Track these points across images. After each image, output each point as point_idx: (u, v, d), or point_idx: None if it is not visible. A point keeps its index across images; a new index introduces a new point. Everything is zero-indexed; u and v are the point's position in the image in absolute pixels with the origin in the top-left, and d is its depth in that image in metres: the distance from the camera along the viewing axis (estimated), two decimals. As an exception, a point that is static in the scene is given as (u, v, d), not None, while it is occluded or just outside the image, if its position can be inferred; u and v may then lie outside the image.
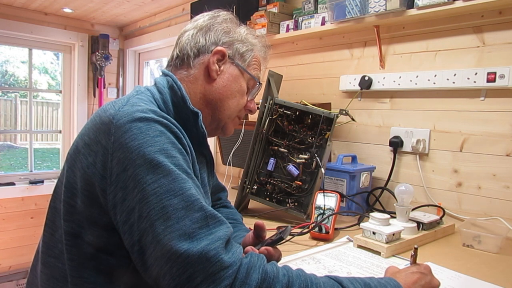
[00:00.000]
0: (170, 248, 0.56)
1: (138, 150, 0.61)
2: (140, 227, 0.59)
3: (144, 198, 0.59)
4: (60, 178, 0.73)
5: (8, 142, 6.74)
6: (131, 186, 0.60)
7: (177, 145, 0.66)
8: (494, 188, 1.27)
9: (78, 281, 0.67)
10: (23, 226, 2.98)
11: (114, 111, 0.66)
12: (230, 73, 0.86)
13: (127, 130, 0.63)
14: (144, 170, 0.60)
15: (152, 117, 0.65)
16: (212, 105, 0.85)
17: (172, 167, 0.62)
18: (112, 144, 0.62)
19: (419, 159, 1.45)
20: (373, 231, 1.02)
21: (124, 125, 0.63)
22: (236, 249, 0.61)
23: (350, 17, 1.49)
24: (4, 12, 2.79)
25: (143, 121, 0.64)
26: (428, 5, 1.28)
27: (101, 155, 0.63)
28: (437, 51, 1.41)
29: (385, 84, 1.52)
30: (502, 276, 0.90)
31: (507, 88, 1.22)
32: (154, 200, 0.59)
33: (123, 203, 0.61)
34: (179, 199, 0.59)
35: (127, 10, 2.85)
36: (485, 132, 1.29)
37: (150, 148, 0.61)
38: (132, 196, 0.60)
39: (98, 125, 0.66)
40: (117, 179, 0.62)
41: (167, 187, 0.60)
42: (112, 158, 0.62)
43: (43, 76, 5.48)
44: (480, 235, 1.08)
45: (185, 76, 0.84)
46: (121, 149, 0.62)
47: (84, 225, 0.66)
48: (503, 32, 1.25)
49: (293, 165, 1.29)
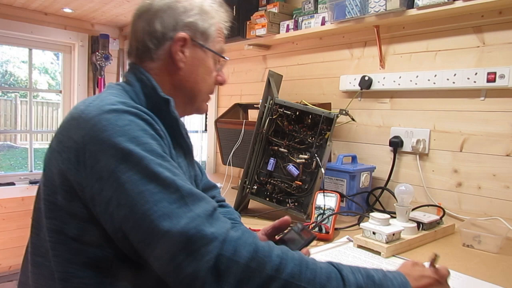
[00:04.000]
0: (151, 230, 0.58)
1: (109, 141, 0.62)
2: (119, 214, 0.60)
3: (120, 187, 0.60)
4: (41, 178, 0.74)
5: (8, 142, 6.74)
6: (106, 177, 0.61)
7: (148, 131, 0.66)
8: (494, 188, 1.27)
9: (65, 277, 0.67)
10: (23, 226, 2.98)
11: (84, 107, 0.68)
12: (195, 57, 0.83)
13: (97, 122, 0.63)
14: (117, 159, 0.61)
15: (121, 108, 0.66)
16: (183, 92, 0.84)
17: (144, 154, 0.62)
18: (82, 138, 0.64)
19: (419, 159, 1.45)
20: (373, 231, 1.02)
21: (93, 118, 0.64)
22: (221, 224, 0.61)
23: (350, 17, 1.49)
24: (4, 12, 2.79)
25: (112, 112, 0.65)
26: (428, 5, 1.28)
27: (74, 150, 0.64)
28: (437, 51, 1.41)
29: (385, 84, 1.52)
30: (502, 276, 0.90)
31: (507, 88, 1.22)
32: (130, 187, 0.60)
33: (100, 194, 0.62)
34: (155, 184, 0.60)
35: (127, 10, 2.85)
36: (485, 132, 1.29)
37: (120, 138, 0.62)
38: (108, 186, 0.61)
39: (70, 122, 0.68)
40: (92, 171, 0.62)
41: (141, 173, 0.61)
42: (84, 151, 0.63)
43: (43, 76, 5.49)
44: (480, 235, 1.08)
45: (150, 69, 0.81)
46: (92, 142, 0.63)
47: (66, 220, 0.67)
48: (503, 32, 1.25)
49: (293, 165, 1.29)
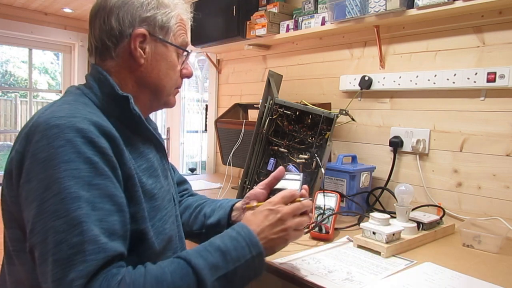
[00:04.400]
0: (46, 272, 0.59)
1: (42, 164, 0.62)
2: (31, 240, 0.62)
3: (36, 215, 0.61)
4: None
5: (8, 142, 6.73)
6: (30, 199, 0.62)
7: (85, 153, 0.63)
8: (494, 188, 1.27)
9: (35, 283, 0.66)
10: (23, 226, 2.98)
11: (36, 117, 0.68)
12: (156, 52, 0.80)
13: (39, 140, 0.63)
14: (42, 186, 0.61)
15: (63, 123, 0.64)
16: (147, 88, 0.82)
17: (67, 184, 0.61)
18: (26, 152, 0.65)
19: (419, 159, 1.45)
20: (373, 231, 1.02)
21: (38, 133, 0.64)
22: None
23: (350, 17, 1.49)
24: (4, 12, 2.80)
25: (54, 128, 0.64)
26: (428, 5, 1.28)
27: (16, 160, 0.66)
28: (437, 51, 1.41)
29: (385, 84, 1.52)
30: (502, 276, 0.90)
31: (507, 88, 1.22)
32: (42, 220, 0.60)
33: (24, 211, 0.64)
34: (62, 221, 0.59)
35: (127, 10, 2.85)
36: (485, 132, 1.29)
37: (52, 162, 0.61)
38: (29, 209, 0.62)
39: (25, 130, 0.68)
40: (22, 187, 0.64)
41: (54, 207, 0.60)
42: (24, 165, 0.64)
43: (43, 76, 5.48)
44: (480, 235, 1.08)
45: (111, 67, 0.79)
46: (30, 159, 0.64)
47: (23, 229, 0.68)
48: (503, 32, 1.25)
49: (293, 165, 1.29)
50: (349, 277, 0.86)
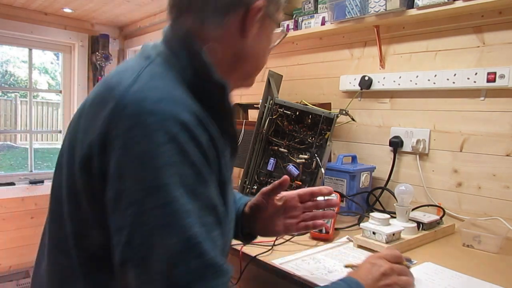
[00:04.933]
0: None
1: (139, 160, 0.50)
2: (126, 254, 0.50)
3: (135, 225, 0.50)
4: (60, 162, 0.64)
5: (8, 142, 6.74)
6: (124, 202, 0.51)
7: (190, 155, 0.52)
8: (494, 188, 1.27)
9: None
10: (23, 226, 2.98)
11: (120, 92, 0.55)
12: (264, 28, 0.69)
13: (132, 127, 0.51)
14: (142, 189, 0.50)
15: (163, 110, 0.52)
16: (242, 68, 0.70)
17: (176, 194, 0.50)
18: (114, 137, 0.52)
19: (419, 159, 1.45)
20: (373, 231, 1.02)
21: (129, 118, 0.52)
22: None
23: (350, 17, 1.49)
24: (4, 12, 2.79)
25: (152, 116, 0.51)
26: (428, 5, 1.28)
27: (99, 140, 0.54)
28: (437, 51, 1.41)
29: (385, 84, 1.52)
30: (502, 276, 0.90)
31: (507, 88, 1.22)
32: (145, 233, 0.49)
33: (111, 214, 0.52)
34: (176, 240, 0.49)
35: (127, 10, 2.85)
36: (485, 132, 1.29)
37: (154, 162, 0.50)
38: (123, 215, 0.51)
39: (100, 107, 0.56)
40: (110, 183, 0.52)
41: (164, 220, 0.49)
42: (112, 154, 0.52)
43: (43, 76, 5.49)
44: (480, 235, 1.08)
45: (207, 38, 0.64)
46: (122, 149, 0.51)
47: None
48: (503, 32, 1.25)
49: (293, 165, 1.29)
50: (349, 277, 0.86)
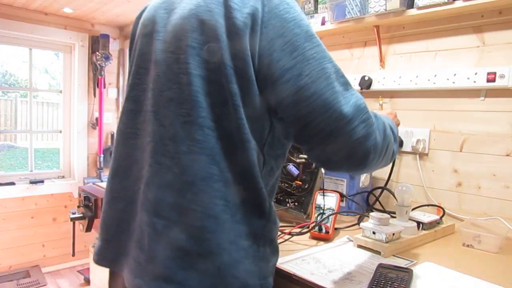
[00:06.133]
0: (329, 101, 0.67)
1: (294, 21, 0.69)
2: (299, 83, 0.67)
3: (304, 60, 0.67)
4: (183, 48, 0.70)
5: (8, 142, 6.74)
6: (289, 50, 0.67)
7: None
8: (494, 188, 1.27)
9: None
10: (23, 226, 2.98)
11: None
12: None
13: (278, 4, 0.69)
14: (302, 38, 0.68)
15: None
16: None
17: (319, 39, 0.71)
18: (267, 13, 0.68)
19: (419, 159, 1.45)
20: (373, 230, 1.02)
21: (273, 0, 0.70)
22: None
23: (350, 17, 1.49)
24: (4, 12, 2.80)
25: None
26: (428, 5, 1.28)
27: (250, 19, 0.67)
28: (437, 51, 1.41)
29: (385, 84, 1.52)
30: (502, 276, 0.90)
31: (507, 88, 1.22)
32: (314, 63, 0.67)
33: (278, 63, 0.67)
34: (331, 65, 0.69)
35: (127, 10, 2.85)
36: (485, 132, 1.29)
37: (303, 22, 0.70)
38: (290, 58, 0.67)
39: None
40: (271, 42, 0.67)
41: (322, 54, 0.69)
42: (266, 25, 0.68)
43: (43, 76, 5.49)
44: (480, 235, 1.08)
45: None
46: (276, 18, 0.68)
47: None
48: (503, 32, 1.25)
49: (293, 165, 1.29)
50: (349, 277, 0.86)
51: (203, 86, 0.68)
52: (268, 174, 0.75)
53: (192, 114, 0.68)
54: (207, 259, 0.66)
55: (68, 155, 3.32)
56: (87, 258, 3.04)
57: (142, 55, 0.78)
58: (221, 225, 0.67)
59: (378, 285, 0.79)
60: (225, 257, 0.67)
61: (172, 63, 0.71)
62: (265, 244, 0.73)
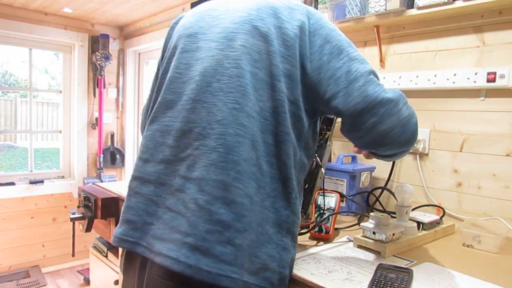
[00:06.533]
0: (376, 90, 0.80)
1: (335, 31, 0.84)
2: (349, 78, 0.79)
3: (350, 60, 0.81)
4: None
5: (8, 142, 6.74)
6: (337, 53, 0.81)
7: None
8: (494, 188, 1.27)
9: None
10: (23, 226, 2.98)
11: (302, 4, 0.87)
12: None
13: (321, 18, 0.85)
14: (345, 43, 0.83)
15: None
16: None
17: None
18: (312, 25, 0.83)
19: (419, 159, 1.45)
20: (373, 231, 1.02)
21: (317, 14, 0.86)
22: None
23: (350, 17, 1.49)
24: (4, 12, 2.79)
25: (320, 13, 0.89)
26: (428, 5, 1.28)
27: (305, 30, 0.82)
28: (437, 51, 1.41)
29: (385, 84, 1.52)
30: (502, 276, 0.90)
31: (507, 88, 1.22)
32: (359, 63, 0.81)
33: (329, 64, 0.80)
34: (369, 65, 0.83)
35: (127, 10, 2.85)
36: (485, 132, 1.29)
37: (339, 31, 0.85)
38: (338, 59, 0.81)
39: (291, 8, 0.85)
40: (320, 48, 0.81)
41: (361, 56, 0.83)
42: (314, 34, 0.82)
43: (43, 76, 5.49)
44: (480, 235, 1.08)
45: None
46: (322, 29, 0.83)
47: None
48: (503, 32, 1.25)
49: (293, 165, 1.29)
50: (349, 277, 0.86)
51: (251, 80, 0.78)
52: (299, 171, 0.85)
53: (240, 103, 0.76)
54: (242, 235, 0.72)
55: (68, 155, 3.32)
56: (87, 258, 3.04)
57: (185, 52, 0.86)
58: (254, 206, 0.74)
59: (378, 285, 0.79)
60: (253, 236, 0.73)
61: (222, 58, 0.80)
62: (287, 235, 0.79)
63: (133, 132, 3.48)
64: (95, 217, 1.67)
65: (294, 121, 0.81)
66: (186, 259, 0.70)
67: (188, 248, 0.71)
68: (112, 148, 3.41)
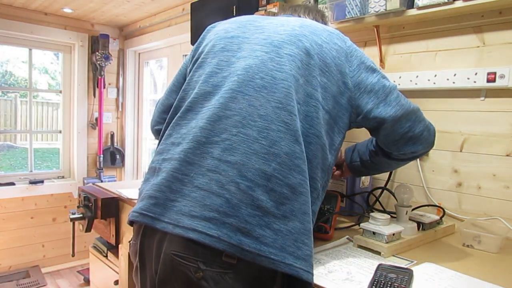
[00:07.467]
0: (405, 101, 0.98)
1: (363, 53, 0.98)
2: (385, 91, 0.94)
3: (382, 77, 0.96)
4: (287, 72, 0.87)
5: (8, 142, 6.74)
6: (371, 71, 0.95)
7: None
8: (494, 188, 1.27)
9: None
10: (23, 226, 2.98)
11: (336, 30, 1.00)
12: None
13: (352, 43, 0.98)
14: (373, 63, 0.97)
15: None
16: None
17: None
18: (348, 48, 0.95)
19: (419, 159, 1.45)
20: (373, 231, 1.02)
21: (348, 39, 0.98)
22: None
23: (350, 17, 1.49)
24: (4, 12, 2.80)
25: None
26: (428, 5, 1.28)
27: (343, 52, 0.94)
28: (437, 51, 1.41)
29: (385, 84, 1.52)
30: (502, 276, 0.90)
31: (507, 88, 1.22)
32: (387, 80, 0.97)
33: (367, 80, 0.93)
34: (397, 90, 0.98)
35: (127, 10, 2.85)
36: (485, 132, 1.29)
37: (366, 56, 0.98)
38: (373, 76, 0.94)
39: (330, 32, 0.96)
40: (358, 67, 0.94)
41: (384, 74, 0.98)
42: (350, 55, 0.94)
43: (43, 76, 5.49)
44: (480, 235, 1.08)
45: None
46: (355, 52, 0.95)
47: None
48: (503, 32, 1.25)
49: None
50: (349, 277, 0.86)
51: (294, 83, 0.86)
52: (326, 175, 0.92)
53: (283, 102, 0.83)
54: (280, 221, 0.77)
55: (68, 155, 3.32)
56: (87, 258, 3.04)
57: (226, 51, 0.93)
58: (297, 196, 0.80)
59: (378, 285, 0.79)
60: (297, 224, 0.78)
61: (267, 60, 0.87)
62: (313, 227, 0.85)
63: (133, 132, 3.48)
64: (95, 217, 1.67)
65: (327, 128, 0.90)
66: (228, 239, 0.74)
67: (230, 229, 0.75)
68: (112, 148, 3.41)
